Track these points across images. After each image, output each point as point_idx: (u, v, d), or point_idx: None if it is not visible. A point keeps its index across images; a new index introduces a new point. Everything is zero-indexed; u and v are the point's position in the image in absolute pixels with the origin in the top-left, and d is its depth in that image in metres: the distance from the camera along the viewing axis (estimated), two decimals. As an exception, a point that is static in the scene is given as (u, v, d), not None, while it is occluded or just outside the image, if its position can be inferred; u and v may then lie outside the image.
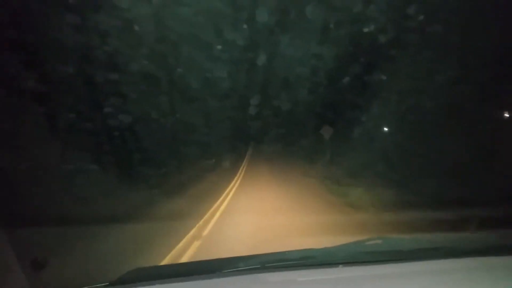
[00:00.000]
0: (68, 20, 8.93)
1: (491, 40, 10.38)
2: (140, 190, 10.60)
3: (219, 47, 10.48)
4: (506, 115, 12.00)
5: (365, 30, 11.45)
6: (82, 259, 4.53)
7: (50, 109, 9.41)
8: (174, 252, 4.91)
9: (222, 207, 8.88)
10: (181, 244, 5.28)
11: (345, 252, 2.01)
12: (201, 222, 6.79)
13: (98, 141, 11.04)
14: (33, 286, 1.59)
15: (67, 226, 5.33)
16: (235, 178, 14.71)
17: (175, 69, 10.95)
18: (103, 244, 5.31)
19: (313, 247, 2.06)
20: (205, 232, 6.22)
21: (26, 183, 7.47)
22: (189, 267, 2.10)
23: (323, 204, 9.06)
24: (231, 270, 1.74)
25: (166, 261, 4.58)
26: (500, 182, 7.52)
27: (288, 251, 1.96)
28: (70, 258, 4.34)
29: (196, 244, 5.41)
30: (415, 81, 14.15)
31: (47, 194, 7.57)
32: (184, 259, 4.78)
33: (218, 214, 8.00)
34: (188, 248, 5.19)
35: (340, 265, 1.79)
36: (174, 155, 13.39)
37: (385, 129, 16.44)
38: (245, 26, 9.86)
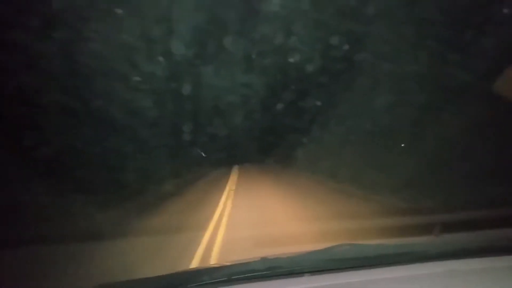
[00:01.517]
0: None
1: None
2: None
3: (138, 78, 10.32)
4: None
5: (289, 59, 11.57)
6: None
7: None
8: None
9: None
10: None
11: (312, 260, 1.99)
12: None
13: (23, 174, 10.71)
14: None
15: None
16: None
17: (94, 102, 10.68)
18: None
19: (280, 256, 2.04)
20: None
21: None
22: (154, 281, 2.03)
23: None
24: (196, 284, 1.71)
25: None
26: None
27: (254, 261, 1.93)
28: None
29: None
30: (347, 106, 14.35)
31: None
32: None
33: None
34: None
35: (306, 274, 1.78)
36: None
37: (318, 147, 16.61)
38: (161, 58, 9.71)
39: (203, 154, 15.94)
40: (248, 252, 4.76)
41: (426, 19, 10.28)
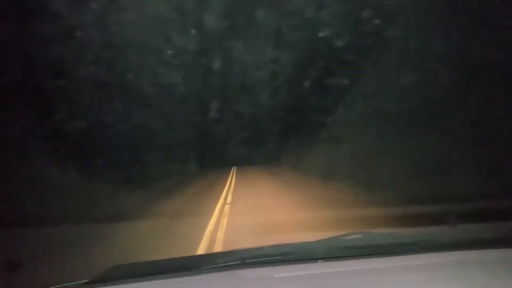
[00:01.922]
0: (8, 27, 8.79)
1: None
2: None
3: (170, 52, 10.34)
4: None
5: (320, 34, 11.44)
6: (56, 259, 4.54)
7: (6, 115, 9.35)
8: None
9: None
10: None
11: (324, 247, 1.99)
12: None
13: (54, 146, 10.93)
14: (7, 286, 1.60)
15: (36, 227, 5.47)
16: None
17: (126, 75, 10.76)
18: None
19: (292, 243, 2.06)
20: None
21: None
22: (168, 264, 2.07)
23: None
24: (210, 267, 1.74)
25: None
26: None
27: (267, 247, 1.95)
28: (43, 259, 4.37)
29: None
30: (377, 84, 14.23)
31: (12, 197, 7.57)
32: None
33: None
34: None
35: (319, 261, 1.79)
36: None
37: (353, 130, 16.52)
38: (194, 31, 9.71)
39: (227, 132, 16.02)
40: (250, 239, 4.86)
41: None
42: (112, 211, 8.61)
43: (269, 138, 17.06)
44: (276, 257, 1.84)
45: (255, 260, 1.82)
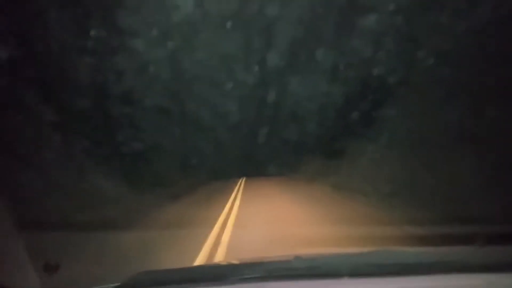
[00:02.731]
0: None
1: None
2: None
3: (231, 85, 10.97)
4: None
5: (372, 71, 11.88)
6: (92, 263, 4.69)
7: (70, 138, 10.06)
8: None
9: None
10: None
11: (350, 263, 1.95)
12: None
13: (112, 164, 11.63)
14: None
15: (78, 231, 5.69)
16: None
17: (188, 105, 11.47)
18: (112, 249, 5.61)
19: (319, 257, 2.10)
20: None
21: (38, 190, 7.99)
22: (195, 272, 2.12)
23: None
24: (237, 277, 1.73)
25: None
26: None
27: (294, 260, 1.94)
28: (81, 262, 4.54)
29: None
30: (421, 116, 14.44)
31: (58, 201, 8.14)
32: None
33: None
34: None
35: (345, 277, 1.75)
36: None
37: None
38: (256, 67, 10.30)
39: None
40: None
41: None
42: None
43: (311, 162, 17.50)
44: (302, 271, 1.83)
45: (282, 273, 1.81)
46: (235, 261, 2.24)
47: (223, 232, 7.45)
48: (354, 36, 10.75)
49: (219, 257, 5.45)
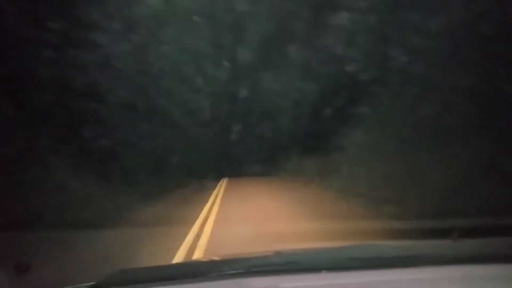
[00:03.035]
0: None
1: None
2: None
3: (201, 80, 10.72)
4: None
5: (346, 68, 11.81)
6: (64, 262, 4.68)
7: (33, 134, 9.68)
8: None
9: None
10: None
11: (329, 258, 2.01)
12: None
13: (78, 162, 11.27)
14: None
15: (50, 231, 5.67)
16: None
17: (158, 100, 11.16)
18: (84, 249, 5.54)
19: (298, 252, 2.12)
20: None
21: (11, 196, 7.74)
22: (173, 269, 2.11)
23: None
24: (216, 274, 1.76)
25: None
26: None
27: (273, 256, 2.00)
28: (52, 262, 4.49)
29: None
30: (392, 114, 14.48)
31: (27, 201, 7.90)
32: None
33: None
34: None
35: (323, 271, 1.78)
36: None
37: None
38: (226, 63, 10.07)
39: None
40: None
41: (486, 35, 10.34)
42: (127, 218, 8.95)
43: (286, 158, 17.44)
44: (281, 266, 1.86)
45: (260, 268, 1.83)
46: (213, 258, 2.21)
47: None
48: (327, 32, 10.64)
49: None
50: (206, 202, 11.73)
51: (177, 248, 5.81)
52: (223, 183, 16.31)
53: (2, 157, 8.53)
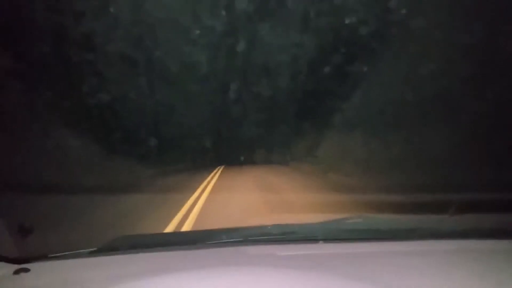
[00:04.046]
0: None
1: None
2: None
3: (198, 32, 10.49)
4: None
5: (347, 20, 11.53)
6: (68, 226, 4.74)
7: (31, 88, 9.55)
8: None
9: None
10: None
11: (326, 229, 2.04)
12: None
13: (77, 119, 11.18)
14: (20, 251, 1.61)
15: (52, 195, 5.71)
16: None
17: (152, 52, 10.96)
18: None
19: (295, 223, 2.14)
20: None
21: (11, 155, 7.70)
22: (174, 237, 2.22)
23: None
24: (214, 242, 1.80)
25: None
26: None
27: (270, 226, 2.02)
28: (55, 225, 4.56)
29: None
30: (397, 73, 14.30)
31: (31, 166, 7.85)
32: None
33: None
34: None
35: (320, 241, 1.82)
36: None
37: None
38: (223, 12, 9.84)
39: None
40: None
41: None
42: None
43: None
44: (278, 236, 1.89)
45: (258, 238, 1.88)
46: (212, 228, 2.26)
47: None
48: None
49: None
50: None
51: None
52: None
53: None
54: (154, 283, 1.26)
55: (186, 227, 4.94)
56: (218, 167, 17.36)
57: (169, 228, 4.82)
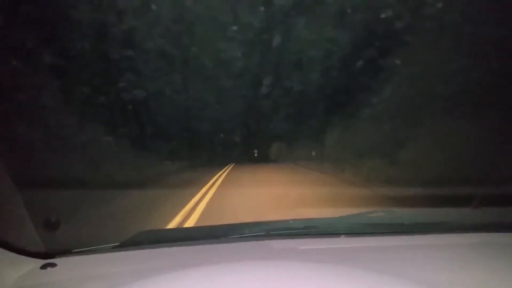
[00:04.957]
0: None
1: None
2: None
3: (234, 28, 10.59)
4: None
5: (378, 15, 11.48)
6: (94, 221, 4.84)
7: (66, 83, 9.73)
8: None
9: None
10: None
11: (347, 223, 2.04)
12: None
13: (111, 115, 11.39)
14: (46, 245, 1.61)
15: (80, 190, 5.88)
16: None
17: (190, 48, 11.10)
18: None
19: (316, 218, 2.16)
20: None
21: (41, 149, 7.87)
22: (196, 231, 2.21)
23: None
24: (237, 236, 1.80)
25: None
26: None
27: (292, 220, 2.04)
28: (83, 220, 4.66)
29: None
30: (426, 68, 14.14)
31: (62, 161, 8.05)
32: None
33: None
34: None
35: (342, 236, 1.82)
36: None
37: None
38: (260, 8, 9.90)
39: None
40: None
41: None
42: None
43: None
44: (300, 230, 1.89)
45: (280, 232, 1.87)
46: (234, 223, 2.27)
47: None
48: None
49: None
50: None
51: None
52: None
53: (36, 108, 8.64)
54: (180, 277, 1.25)
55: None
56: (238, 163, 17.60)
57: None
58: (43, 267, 1.49)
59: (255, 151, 20.20)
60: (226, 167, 14.28)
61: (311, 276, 1.22)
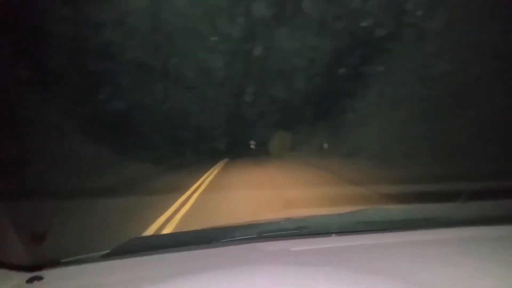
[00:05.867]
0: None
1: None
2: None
3: (214, 38, 10.55)
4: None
5: (359, 23, 11.52)
6: (80, 230, 4.74)
7: (47, 96, 9.62)
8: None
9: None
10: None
11: (339, 222, 2.03)
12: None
13: (92, 126, 11.27)
14: (32, 258, 1.57)
15: (63, 200, 5.71)
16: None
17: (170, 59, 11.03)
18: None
19: (308, 217, 2.14)
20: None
21: (23, 162, 7.76)
22: (187, 236, 2.15)
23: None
24: (228, 240, 1.79)
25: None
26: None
27: (283, 221, 2.02)
28: (68, 230, 4.56)
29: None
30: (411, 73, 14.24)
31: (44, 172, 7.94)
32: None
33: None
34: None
35: (333, 235, 1.82)
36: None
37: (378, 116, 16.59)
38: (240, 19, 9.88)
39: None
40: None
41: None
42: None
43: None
44: (292, 231, 1.88)
45: (272, 233, 1.86)
46: (225, 225, 2.26)
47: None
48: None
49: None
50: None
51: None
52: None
53: (15, 120, 8.52)
54: (174, 286, 1.24)
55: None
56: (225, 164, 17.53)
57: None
58: (29, 280, 1.44)
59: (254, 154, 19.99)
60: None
61: (303, 280, 1.23)
